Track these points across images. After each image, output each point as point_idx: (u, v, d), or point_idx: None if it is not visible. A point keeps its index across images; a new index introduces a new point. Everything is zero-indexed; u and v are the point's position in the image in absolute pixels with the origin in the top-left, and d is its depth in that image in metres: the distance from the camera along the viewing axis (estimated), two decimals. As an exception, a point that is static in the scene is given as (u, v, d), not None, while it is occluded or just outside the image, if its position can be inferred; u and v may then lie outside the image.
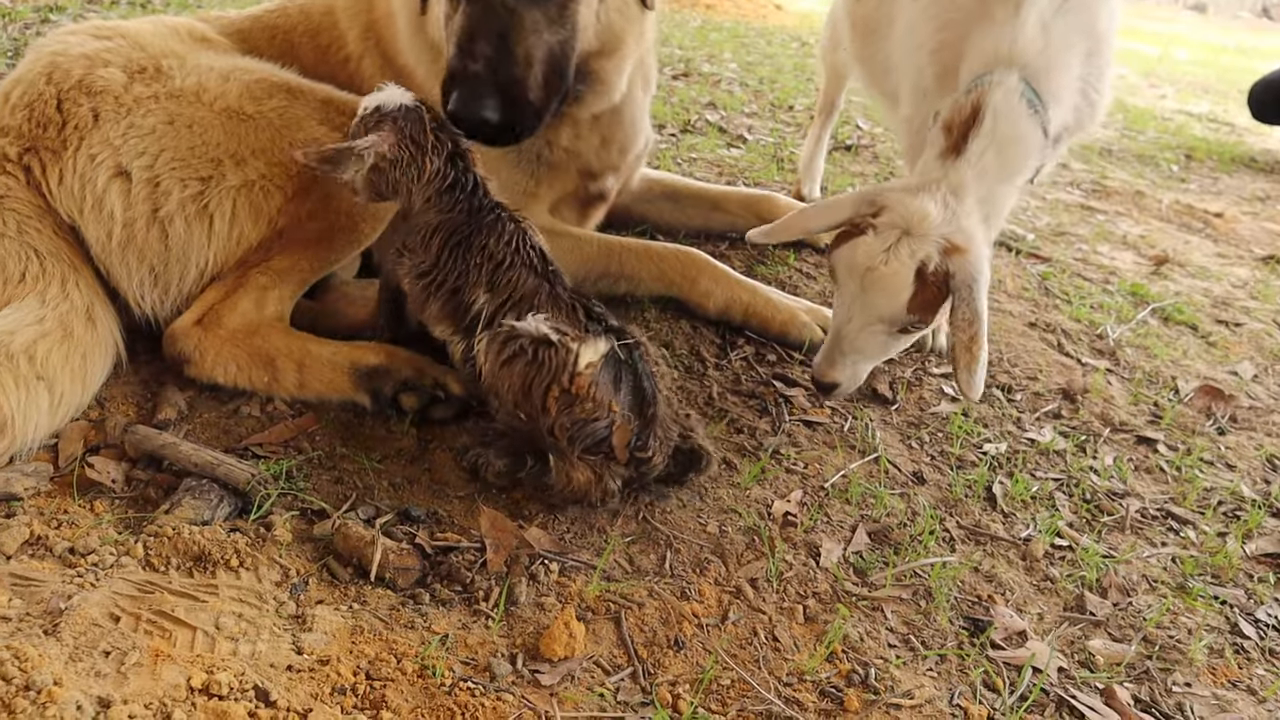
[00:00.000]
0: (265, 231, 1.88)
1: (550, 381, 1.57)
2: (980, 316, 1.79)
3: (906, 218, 1.81)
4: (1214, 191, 4.82)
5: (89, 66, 1.92)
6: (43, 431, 1.63)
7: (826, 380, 1.94)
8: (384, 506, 1.58)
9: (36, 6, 5.04)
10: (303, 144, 1.87)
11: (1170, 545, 1.90)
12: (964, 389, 1.79)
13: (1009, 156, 1.87)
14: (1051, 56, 1.87)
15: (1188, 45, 12.95)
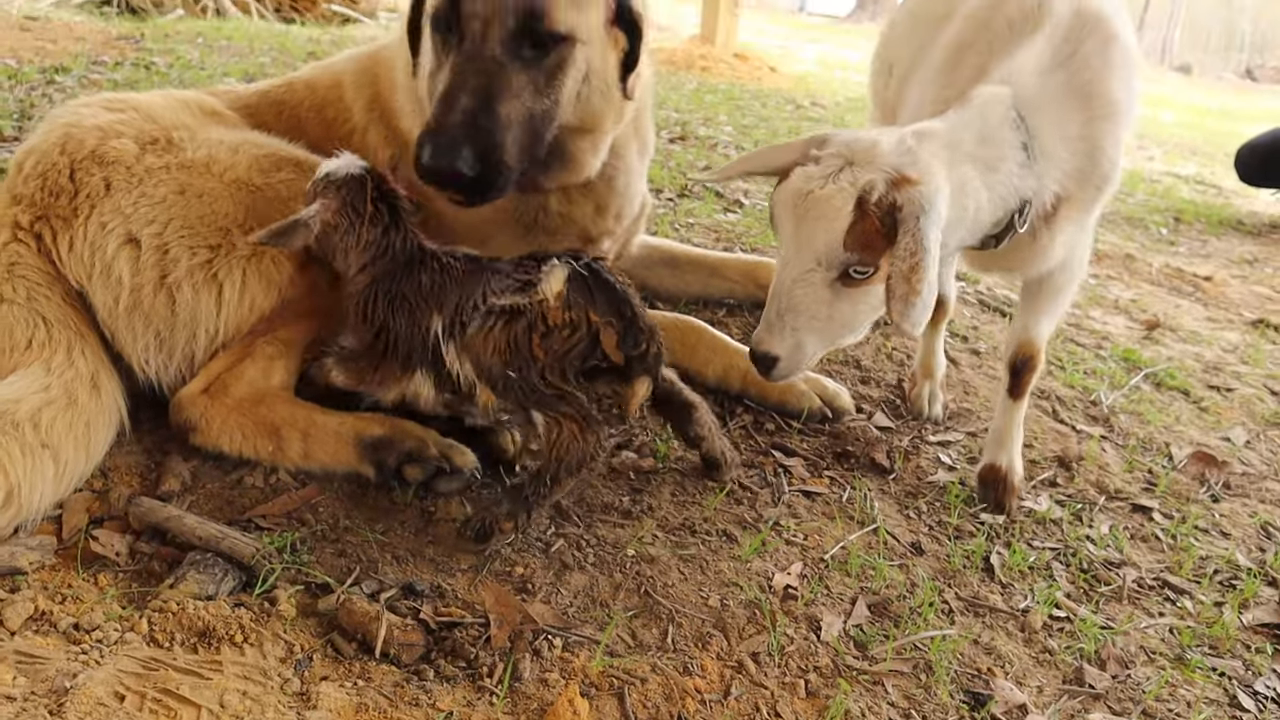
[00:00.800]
0: (274, 301, 1.91)
1: (529, 327, 1.64)
2: (926, 249, 1.60)
3: (853, 148, 1.67)
4: (1203, 254, 4.89)
5: (102, 137, 1.96)
6: (47, 501, 1.64)
7: (761, 350, 1.74)
8: (388, 581, 1.59)
9: (42, 68, 5.12)
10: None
11: (1168, 615, 1.91)
12: (898, 320, 1.61)
13: (986, 141, 1.75)
14: (1044, 106, 1.81)
15: (1173, 107, 13.18)
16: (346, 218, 1.82)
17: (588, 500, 1.89)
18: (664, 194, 4.25)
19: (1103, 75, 1.87)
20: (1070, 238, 1.97)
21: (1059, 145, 1.83)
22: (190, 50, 6.25)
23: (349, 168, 1.86)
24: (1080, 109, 1.85)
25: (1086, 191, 1.90)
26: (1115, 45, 1.89)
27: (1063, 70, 1.85)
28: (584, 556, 1.73)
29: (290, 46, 7.00)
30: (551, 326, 1.65)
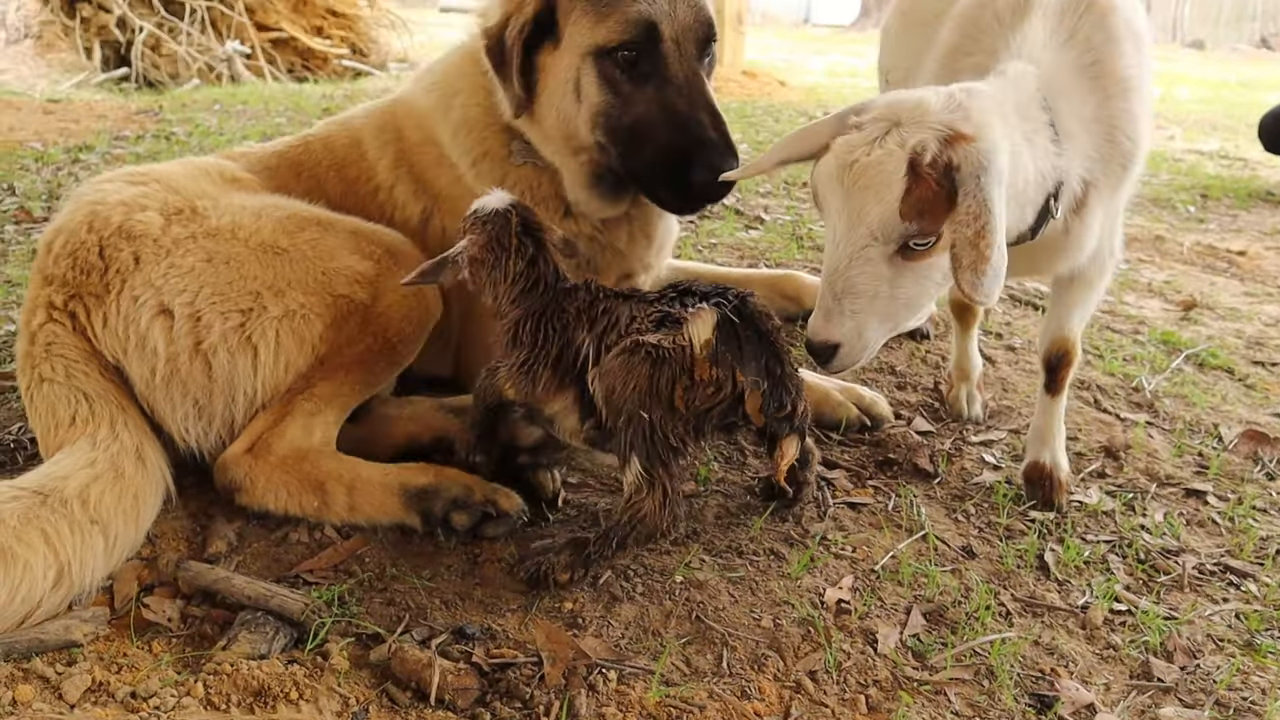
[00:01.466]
0: (309, 358, 1.93)
1: (674, 376, 1.60)
2: (991, 210, 1.48)
3: (896, 109, 1.56)
4: (1234, 229, 4.82)
5: (127, 212, 1.99)
6: (99, 575, 1.65)
7: (820, 340, 1.61)
8: (438, 626, 1.58)
9: (67, 148, 5.23)
10: (344, 272, 1.98)
11: (1232, 600, 1.86)
12: (968, 290, 1.50)
13: (1024, 114, 1.66)
14: (1059, 87, 1.75)
15: (1189, 83, 13.04)
16: (493, 253, 1.82)
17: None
18: (684, 215, 4.25)
19: (1107, 52, 1.81)
20: (1100, 226, 1.94)
21: (1078, 127, 1.76)
22: (208, 118, 6.37)
23: (496, 204, 1.85)
24: (1092, 89, 1.80)
25: (1111, 175, 1.85)
26: (1114, 18, 1.83)
27: (1068, 49, 1.80)
28: (632, 586, 1.72)
29: (304, 105, 7.10)
30: (696, 381, 1.61)
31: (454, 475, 1.87)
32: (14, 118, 6.09)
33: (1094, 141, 1.80)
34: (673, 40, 2.02)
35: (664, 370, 1.62)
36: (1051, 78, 1.76)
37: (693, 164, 1.98)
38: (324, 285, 1.95)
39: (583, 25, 2.03)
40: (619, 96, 2.04)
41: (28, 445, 2.08)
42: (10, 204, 4.03)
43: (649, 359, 1.64)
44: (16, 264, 3.25)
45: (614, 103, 2.05)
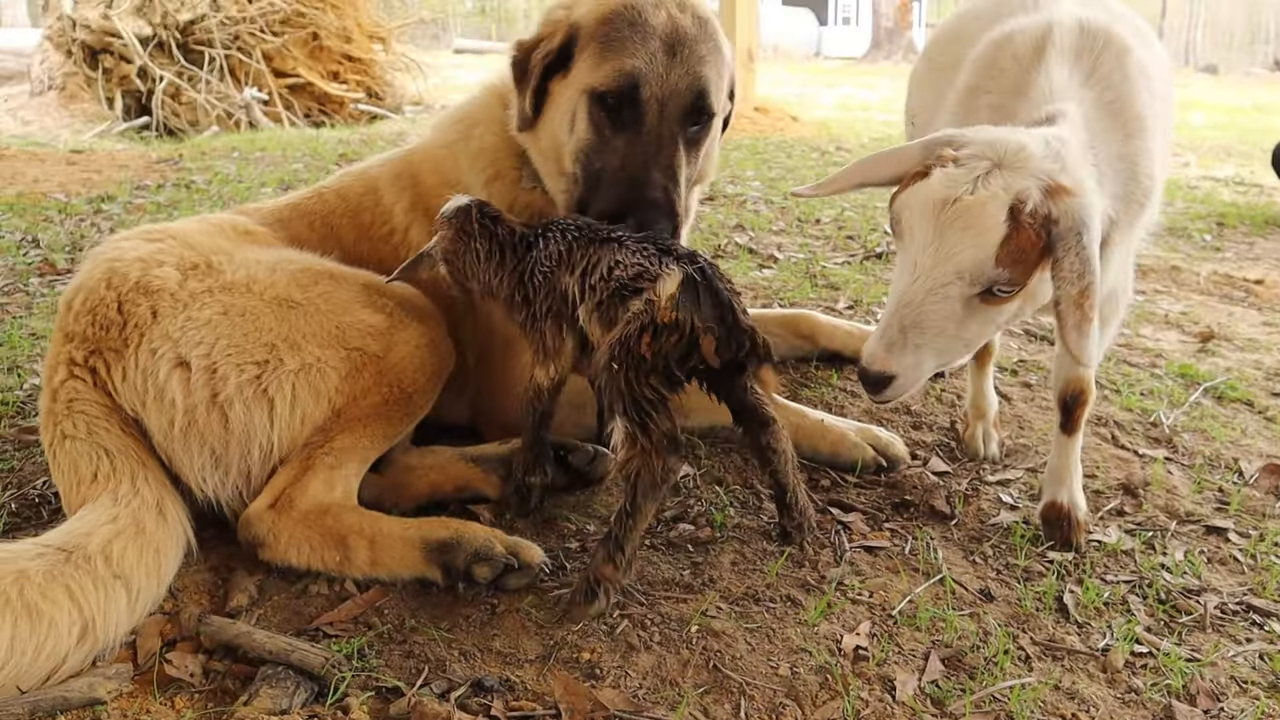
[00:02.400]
0: (325, 411, 1.96)
1: (641, 326, 1.72)
2: (1092, 270, 1.50)
3: (999, 150, 1.55)
4: (1251, 258, 4.80)
5: (144, 268, 2.03)
6: (123, 630, 1.67)
7: (876, 370, 1.62)
8: (457, 678, 1.59)
9: (89, 198, 5.33)
10: (357, 325, 2.03)
11: (1256, 641, 1.85)
12: (1073, 351, 1.52)
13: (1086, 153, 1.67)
14: (1092, 126, 1.77)
15: (1203, 108, 13.04)
16: (461, 241, 2.01)
17: (648, 576, 1.88)
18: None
19: (1126, 91, 1.83)
20: (1120, 263, 1.94)
21: (1107, 166, 1.77)
22: (227, 165, 6.47)
23: (457, 202, 2.05)
24: (1113, 128, 1.81)
25: (1130, 213, 1.86)
26: (1130, 59, 1.86)
27: (1089, 88, 1.82)
28: (649, 635, 1.72)
29: (321, 150, 7.21)
30: (660, 326, 1.71)
31: (475, 529, 1.88)
32: (39, 169, 6.21)
33: (1119, 180, 1.81)
34: (656, 100, 2.11)
35: (634, 324, 1.73)
36: (1088, 118, 1.77)
37: (626, 218, 2.04)
38: (338, 338, 1.99)
39: (588, 64, 2.14)
40: (599, 138, 2.13)
41: (52, 500, 2.11)
42: (35, 256, 4.10)
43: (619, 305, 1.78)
44: (41, 316, 3.31)
45: (594, 142, 2.14)
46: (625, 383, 1.72)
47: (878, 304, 3.67)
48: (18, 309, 3.39)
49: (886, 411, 2.68)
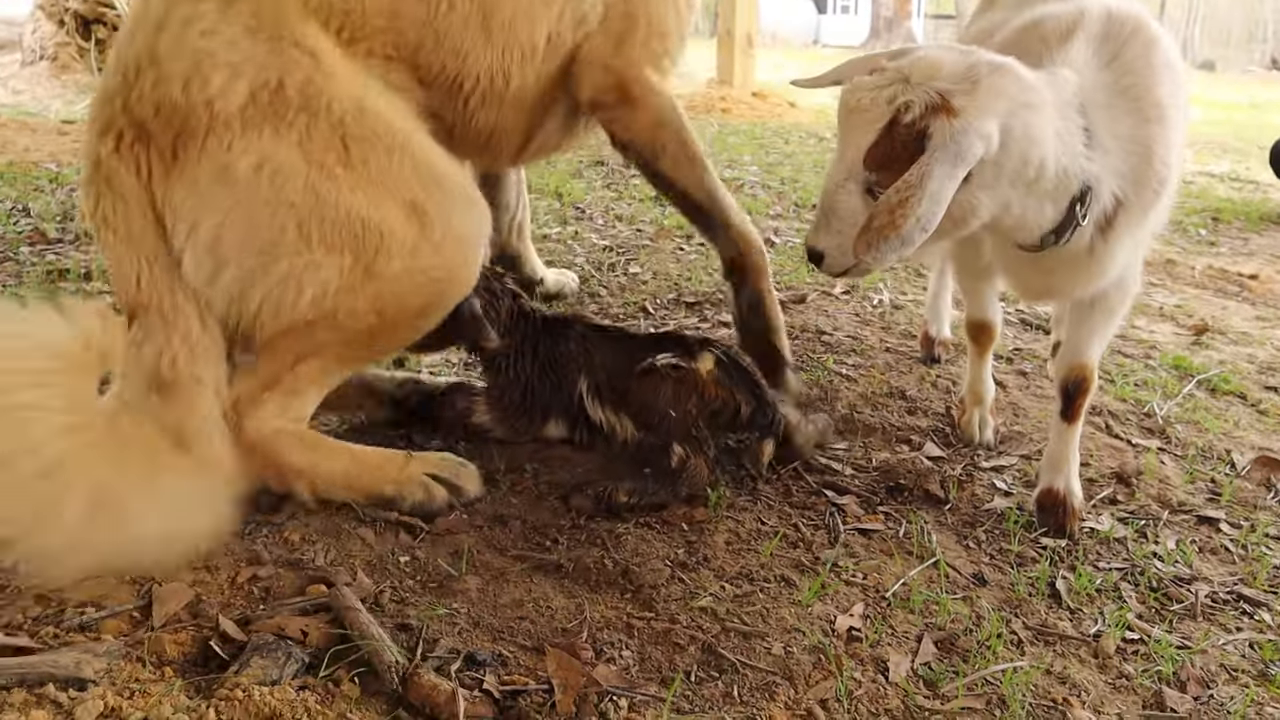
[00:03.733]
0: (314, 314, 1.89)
1: (689, 389, 2.08)
2: (924, 187, 1.55)
3: (915, 65, 1.65)
4: (1245, 253, 4.81)
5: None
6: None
7: (809, 244, 1.82)
8: (449, 653, 1.59)
9: (80, 168, 5.27)
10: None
11: (1246, 630, 1.86)
12: (859, 247, 1.61)
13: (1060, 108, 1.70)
14: (1097, 101, 1.78)
15: (1200, 104, 13.04)
16: (487, 296, 2.17)
17: (642, 554, 1.88)
18: (694, 239, 4.27)
19: (1148, 78, 1.84)
20: (1127, 252, 1.94)
21: (1112, 142, 1.79)
22: (222, 138, 6.41)
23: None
24: (1130, 111, 1.82)
25: (1143, 197, 1.86)
26: (1157, 49, 1.86)
27: (1108, 71, 1.83)
28: (643, 614, 1.71)
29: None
30: (706, 398, 2.08)
31: (417, 483, 1.98)
32: (30, 139, 6.15)
33: (1128, 160, 1.82)
34: None
35: (681, 387, 2.08)
36: (1091, 91, 1.79)
37: None
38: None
39: None
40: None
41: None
42: (25, 225, 4.06)
43: (669, 377, 2.09)
44: (31, 285, 3.28)
45: None
46: (679, 426, 2.07)
47: (872, 289, 3.66)
48: (7, 277, 3.36)
49: (881, 396, 2.68)
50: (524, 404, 2.21)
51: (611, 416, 2.16)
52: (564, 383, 2.19)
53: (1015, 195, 1.72)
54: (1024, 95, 1.65)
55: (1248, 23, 27.08)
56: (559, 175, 5.51)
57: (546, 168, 5.80)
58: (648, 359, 2.12)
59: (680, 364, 2.10)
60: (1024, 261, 1.97)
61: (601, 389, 2.17)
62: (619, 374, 2.16)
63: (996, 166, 1.64)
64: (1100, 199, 1.80)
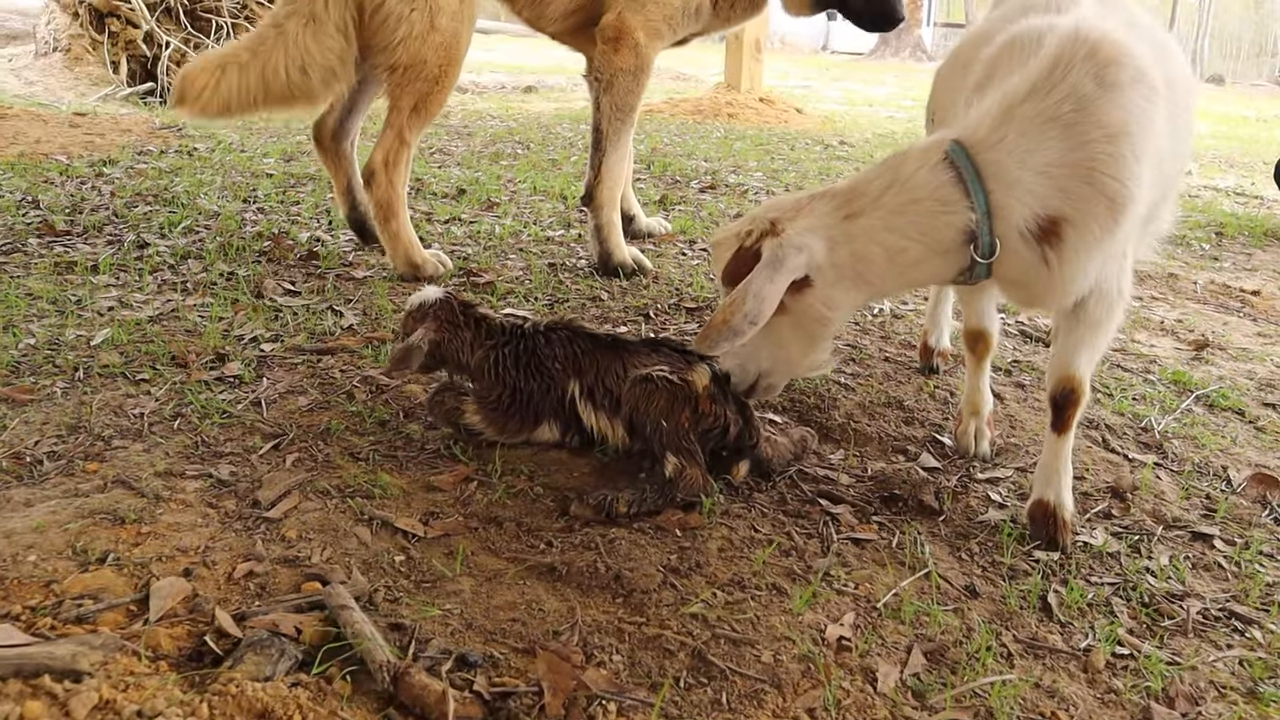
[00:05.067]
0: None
1: (684, 401, 2.12)
2: (748, 294, 1.91)
3: (767, 207, 2.04)
4: (1248, 269, 4.81)
5: None
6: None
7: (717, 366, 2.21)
8: (440, 653, 1.60)
9: (91, 161, 5.30)
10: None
11: (1236, 647, 1.86)
12: (697, 339, 1.98)
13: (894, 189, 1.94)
14: (999, 141, 1.89)
15: (1208, 118, 13.04)
16: (446, 330, 2.28)
17: (635, 559, 1.89)
18: (697, 244, 4.28)
19: (1094, 101, 1.87)
20: (1094, 264, 1.95)
21: (1027, 172, 1.88)
22: (230, 134, 6.45)
23: (434, 294, 2.33)
24: (1062, 135, 1.87)
25: (1094, 215, 1.88)
26: (1115, 69, 1.87)
27: (1034, 102, 1.88)
28: (634, 619, 1.72)
29: (326, 123, 7.17)
30: (700, 412, 2.13)
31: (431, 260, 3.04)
32: (41, 130, 6.18)
33: (1057, 182, 1.88)
34: None
35: (676, 397, 2.12)
36: (992, 132, 1.90)
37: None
38: None
39: None
40: None
41: (44, 460, 2.11)
42: (34, 217, 4.08)
43: (664, 387, 2.12)
44: (39, 276, 3.30)
45: None
46: (672, 436, 2.12)
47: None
48: (15, 269, 3.38)
49: (879, 406, 2.69)
50: (513, 405, 2.25)
51: (604, 421, 2.21)
52: (553, 386, 2.23)
53: (878, 276, 1.99)
54: (841, 211, 1.96)
55: (1257, 37, 27.02)
56: (564, 178, 5.52)
57: (552, 170, 5.81)
58: (644, 369, 2.17)
59: (676, 378, 2.14)
60: (1005, 280, 2.03)
61: (595, 392, 2.21)
62: (612, 379, 2.20)
63: (835, 269, 1.96)
64: (1013, 228, 1.90)
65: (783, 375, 2.16)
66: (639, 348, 2.26)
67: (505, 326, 2.31)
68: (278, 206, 4.49)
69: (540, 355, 2.25)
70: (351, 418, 2.41)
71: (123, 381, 2.53)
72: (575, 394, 2.22)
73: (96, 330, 2.84)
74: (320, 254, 3.73)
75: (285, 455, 2.21)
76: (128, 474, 2.06)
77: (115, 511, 1.92)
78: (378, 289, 3.37)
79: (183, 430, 2.29)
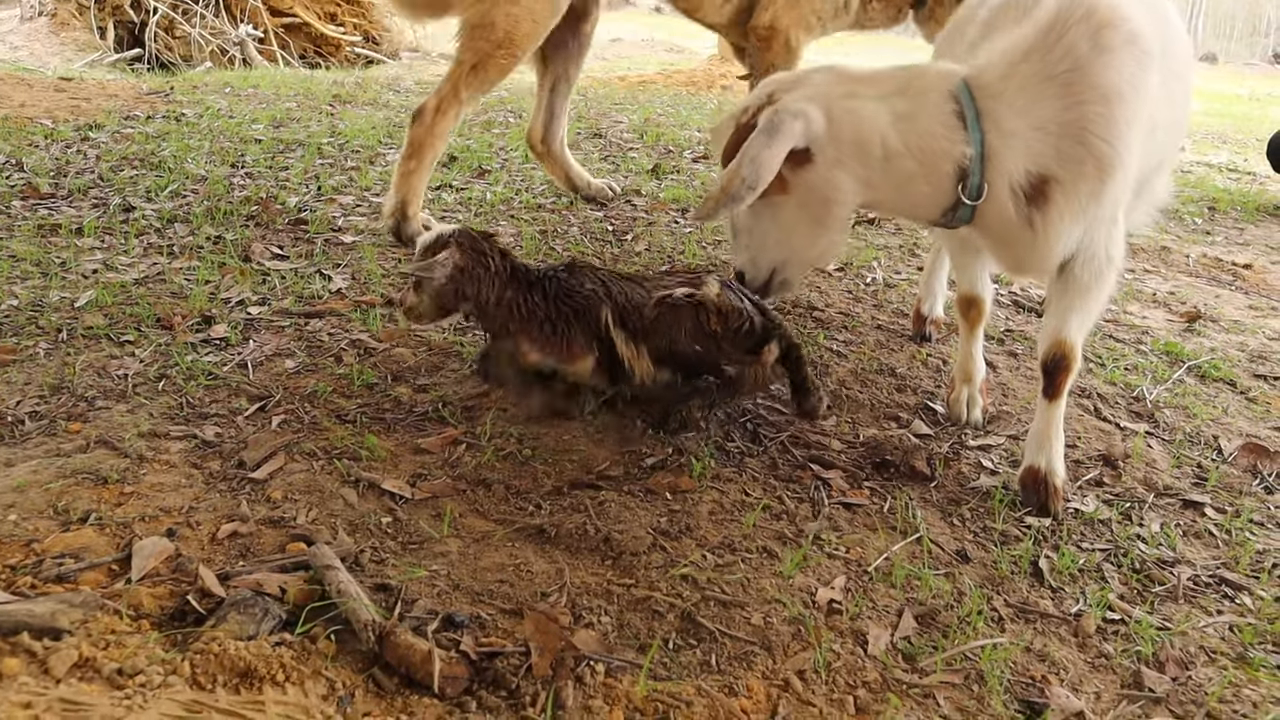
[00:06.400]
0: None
1: (708, 312, 2.16)
2: (748, 155, 1.87)
3: (763, 84, 2.03)
4: (1240, 243, 4.80)
5: None
6: None
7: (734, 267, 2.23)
8: (426, 614, 1.58)
9: (76, 126, 5.23)
10: None
11: (1226, 613, 1.86)
12: (694, 208, 2.05)
13: (906, 94, 1.93)
14: (1004, 90, 1.90)
15: (1201, 96, 13.01)
16: (470, 258, 2.16)
17: (626, 520, 1.87)
18: (689, 212, 4.24)
19: (1091, 61, 1.86)
20: (1081, 231, 1.94)
21: (1023, 126, 1.88)
22: (218, 100, 6.37)
23: (452, 228, 2.22)
24: (1058, 94, 1.87)
25: (1083, 176, 1.89)
26: (1110, 32, 1.87)
27: (1034, 61, 1.89)
28: (624, 580, 1.71)
29: (315, 90, 7.10)
30: (723, 312, 2.16)
31: None
32: (26, 94, 6.09)
33: (1049, 140, 1.89)
34: None
35: (700, 311, 2.16)
36: (998, 79, 1.91)
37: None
38: None
39: None
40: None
41: (25, 420, 2.08)
42: (19, 180, 4.03)
43: (686, 306, 2.16)
44: (23, 239, 3.25)
45: None
46: (709, 358, 2.19)
47: (866, 266, 3.65)
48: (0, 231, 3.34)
49: (871, 373, 2.67)
50: (555, 333, 2.20)
51: (632, 350, 2.18)
52: (588, 312, 2.19)
53: (875, 174, 1.95)
54: (843, 87, 1.94)
55: (1250, 17, 26.98)
56: (556, 146, 5.47)
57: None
58: (662, 290, 2.19)
59: (694, 292, 2.17)
60: (987, 237, 2.03)
61: (626, 318, 2.18)
62: (639, 301, 2.19)
63: (835, 145, 1.92)
64: (1003, 177, 1.90)
65: (795, 267, 2.14)
66: (652, 276, 2.29)
67: (527, 266, 2.26)
68: (266, 172, 4.44)
69: (569, 286, 2.20)
70: (339, 380, 2.38)
71: (107, 343, 2.50)
72: (608, 320, 2.18)
73: (81, 292, 2.80)
74: (308, 219, 3.69)
75: (271, 417, 2.18)
76: (111, 434, 2.04)
77: (98, 471, 1.89)
78: (366, 253, 3.33)
79: (167, 391, 2.27)
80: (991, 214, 1.94)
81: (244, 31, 10.02)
